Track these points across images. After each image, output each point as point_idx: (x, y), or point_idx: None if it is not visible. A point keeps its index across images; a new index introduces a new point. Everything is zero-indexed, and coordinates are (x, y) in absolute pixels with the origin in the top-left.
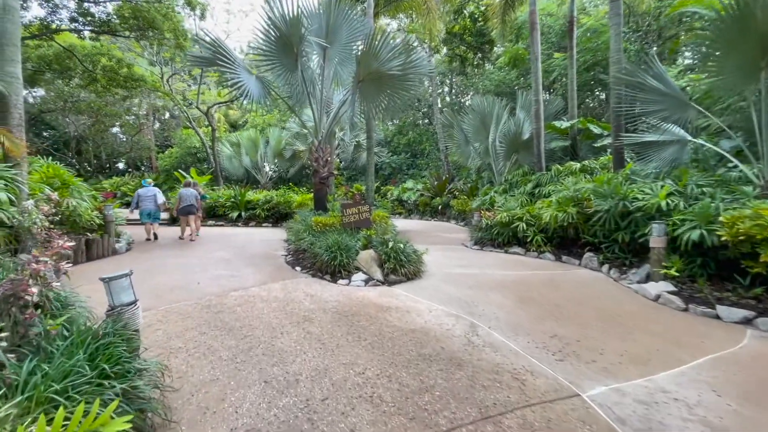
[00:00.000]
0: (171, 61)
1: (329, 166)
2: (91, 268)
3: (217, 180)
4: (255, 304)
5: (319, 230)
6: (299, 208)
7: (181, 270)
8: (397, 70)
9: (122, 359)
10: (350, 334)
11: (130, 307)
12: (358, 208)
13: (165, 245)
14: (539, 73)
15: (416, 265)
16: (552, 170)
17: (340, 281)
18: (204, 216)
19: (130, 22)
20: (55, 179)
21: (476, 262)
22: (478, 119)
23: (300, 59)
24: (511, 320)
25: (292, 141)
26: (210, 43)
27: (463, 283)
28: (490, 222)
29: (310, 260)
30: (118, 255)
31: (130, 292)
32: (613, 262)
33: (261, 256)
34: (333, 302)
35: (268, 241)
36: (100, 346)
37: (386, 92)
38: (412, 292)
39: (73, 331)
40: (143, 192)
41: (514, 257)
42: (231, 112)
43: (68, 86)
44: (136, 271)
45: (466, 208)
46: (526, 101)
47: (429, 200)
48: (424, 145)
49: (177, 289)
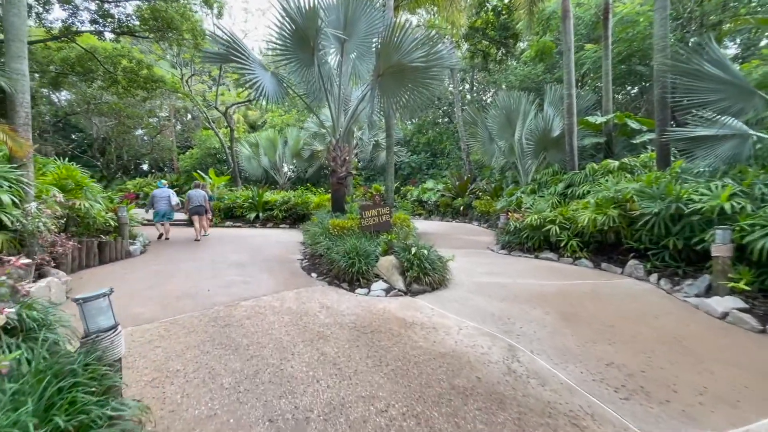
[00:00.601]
0: (191, 62)
1: (347, 165)
2: (101, 272)
3: (236, 181)
4: (266, 317)
5: (336, 234)
6: (317, 209)
7: (193, 275)
8: (421, 61)
9: (88, 406)
10: (370, 357)
11: (109, 334)
12: (377, 210)
13: (180, 247)
14: (572, 65)
15: (441, 273)
16: (586, 169)
17: (359, 290)
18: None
19: (149, 23)
20: (68, 180)
21: (506, 269)
22: (503, 116)
23: (317, 53)
24: (556, 342)
25: (310, 141)
26: (224, 39)
27: (495, 295)
28: (519, 225)
29: (327, 266)
30: (131, 258)
31: (109, 315)
32: (663, 271)
33: (276, 261)
34: (350, 316)
35: (284, 243)
36: (63, 388)
37: (407, 87)
38: (438, 305)
39: (32, 368)
40: (158, 193)
41: (547, 263)
42: (250, 112)
43: (90, 88)
44: (146, 275)
45: (490, 210)
46: (555, 96)
47: (450, 201)
48: (445, 144)
49: (185, 298)
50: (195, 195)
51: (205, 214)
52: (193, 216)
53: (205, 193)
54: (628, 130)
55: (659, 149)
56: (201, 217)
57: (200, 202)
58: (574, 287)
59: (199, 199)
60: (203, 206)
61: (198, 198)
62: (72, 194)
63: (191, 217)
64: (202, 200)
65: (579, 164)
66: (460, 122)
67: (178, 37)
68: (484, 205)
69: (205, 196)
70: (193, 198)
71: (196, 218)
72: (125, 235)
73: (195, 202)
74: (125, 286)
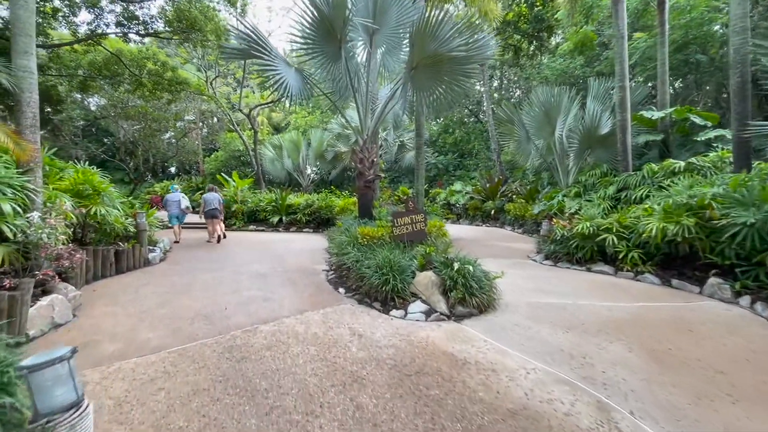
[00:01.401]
0: (215, 64)
1: (375, 168)
2: (116, 283)
3: (259, 183)
4: (288, 347)
5: (365, 244)
6: (341, 213)
7: (211, 288)
8: (461, 50)
9: None
10: (419, 415)
11: (69, 415)
12: (411, 218)
13: (201, 254)
14: (625, 54)
15: (489, 292)
16: (644, 170)
17: (394, 312)
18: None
19: (174, 24)
20: (85, 186)
21: (558, 284)
22: (541, 113)
23: (344, 46)
24: (658, 398)
25: (333, 142)
26: (245, 33)
27: (557, 321)
28: (566, 233)
29: (356, 281)
30: (150, 266)
31: (70, 387)
32: (758, 293)
33: (300, 271)
34: (388, 348)
35: (308, 251)
36: None
37: (443, 80)
38: (491, 335)
39: None
40: (170, 197)
41: (603, 279)
42: (274, 114)
43: (117, 91)
44: (162, 287)
45: (526, 214)
46: (599, 90)
47: (480, 204)
48: (473, 143)
49: (199, 319)
50: (210, 198)
51: (219, 216)
52: (209, 219)
53: (220, 197)
54: (686, 126)
55: (737, 147)
56: (216, 220)
57: (215, 205)
58: (650, 312)
59: (213, 203)
60: (217, 209)
61: (213, 201)
62: (89, 200)
63: (207, 220)
64: (216, 203)
65: (633, 165)
66: (490, 120)
67: (202, 38)
68: (518, 209)
69: (219, 200)
70: (207, 201)
71: (210, 221)
72: (144, 243)
73: (210, 205)
74: (137, 303)
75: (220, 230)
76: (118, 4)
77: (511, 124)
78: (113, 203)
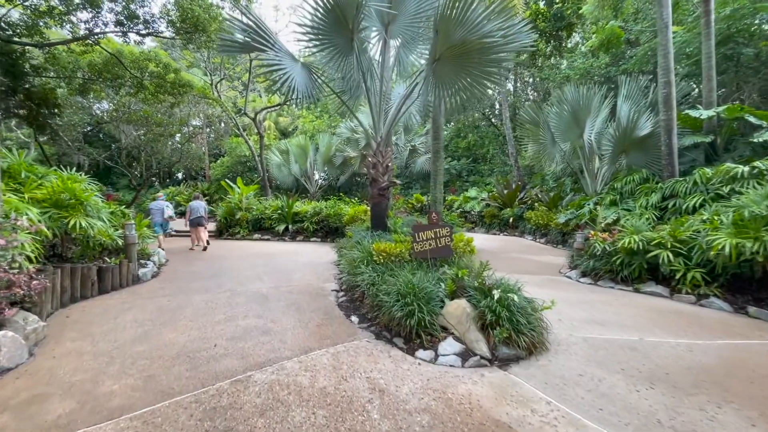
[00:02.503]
0: (221, 66)
1: (389, 173)
2: (95, 307)
3: (265, 190)
4: (289, 411)
5: (381, 262)
6: (351, 222)
7: (202, 315)
8: (494, 37)
9: None
10: None
11: None
12: (434, 232)
13: (198, 268)
14: (669, 46)
15: (537, 327)
16: (695, 175)
17: (421, 353)
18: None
19: (177, 25)
20: (64, 194)
21: (610, 311)
22: (568, 114)
23: (356, 36)
24: None
25: (342, 147)
26: (247, 24)
27: (631, 368)
28: (608, 246)
29: (372, 309)
30: (139, 284)
31: None
32: None
33: (306, 292)
34: (420, 414)
35: (315, 265)
36: None
37: (471, 73)
38: (553, 392)
39: None
40: (154, 205)
41: (660, 303)
42: (281, 119)
43: (118, 95)
44: (147, 312)
45: (549, 222)
46: (632, 89)
47: (496, 211)
48: (487, 148)
49: (181, 361)
50: (196, 206)
51: (205, 225)
52: (194, 227)
53: (206, 205)
54: (734, 126)
55: None
56: (201, 228)
57: (201, 213)
58: (742, 353)
59: (199, 211)
60: (203, 217)
61: (199, 209)
62: (68, 211)
63: (192, 228)
64: (202, 211)
65: (680, 170)
66: (507, 123)
67: (206, 40)
68: (540, 217)
69: (205, 207)
70: (194, 209)
71: (195, 229)
72: (132, 257)
73: (196, 213)
74: (112, 335)
75: (205, 238)
76: (119, 3)
77: (536, 126)
78: (99, 214)
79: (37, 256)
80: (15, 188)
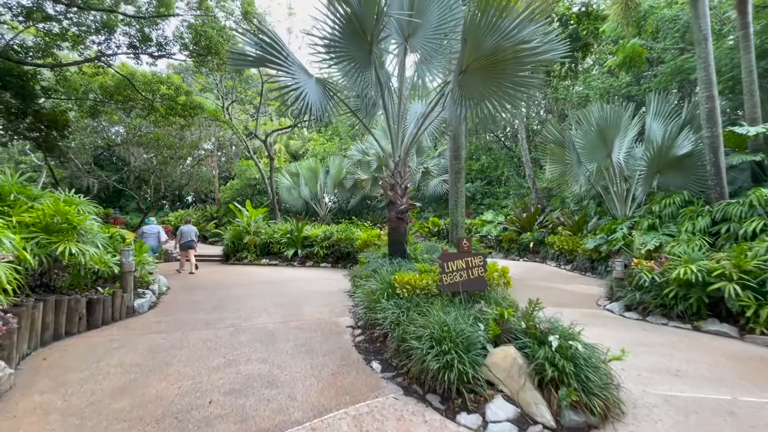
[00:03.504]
0: (233, 89)
1: (408, 195)
2: (80, 347)
3: (275, 213)
4: None
5: (406, 295)
6: (364, 247)
7: (199, 358)
8: (534, 42)
9: None
10: None
11: None
12: (465, 261)
13: (201, 298)
14: (710, 59)
15: (608, 384)
16: (750, 197)
17: (464, 417)
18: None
19: (190, 48)
20: (56, 218)
21: (678, 358)
22: (593, 132)
23: (375, 49)
24: None
25: (353, 169)
26: (258, 37)
27: None
28: (657, 277)
29: (398, 354)
30: (134, 317)
31: None
32: None
33: (319, 329)
34: None
35: (327, 294)
36: None
37: (502, 85)
38: None
39: None
40: (147, 229)
41: (730, 345)
42: (291, 142)
43: (129, 117)
44: (136, 354)
45: (577, 248)
46: (662, 107)
47: (515, 235)
48: (501, 170)
49: (166, 425)
50: (187, 230)
51: (195, 248)
52: (185, 250)
53: (196, 229)
54: None
55: None
56: (191, 251)
57: (192, 237)
58: None
59: (191, 235)
60: (194, 241)
61: (190, 233)
62: (58, 236)
63: (182, 252)
64: (193, 235)
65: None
66: (523, 144)
67: (219, 62)
68: (564, 242)
69: (196, 232)
70: (185, 233)
71: (186, 252)
72: (128, 287)
73: (187, 237)
74: (89, 386)
75: (194, 261)
76: (133, 27)
77: (560, 146)
78: (93, 238)
79: (16, 288)
80: (2, 211)
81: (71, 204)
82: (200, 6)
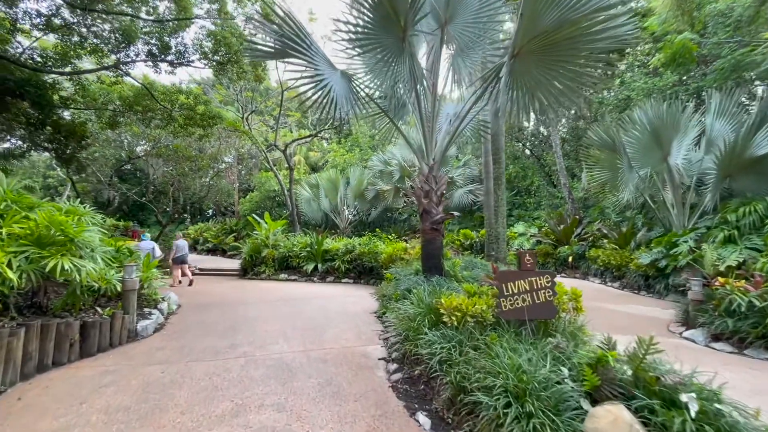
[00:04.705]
0: (252, 100)
1: (443, 203)
2: (64, 383)
3: (294, 225)
4: None
5: (455, 325)
6: (390, 262)
7: (200, 403)
8: (603, 16)
9: None
10: None
11: None
12: (529, 282)
13: (213, 318)
14: None
15: None
16: None
17: None
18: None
19: (209, 56)
20: (52, 230)
21: None
22: (646, 134)
23: (408, 36)
24: None
25: (374, 180)
26: (278, 24)
27: None
28: (756, 300)
29: (453, 403)
30: (136, 342)
31: None
32: None
33: (345, 361)
34: None
35: (352, 315)
36: None
37: (566, 68)
38: None
39: None
40: (142, 245)
41: None
42: (311, 153)
43: (148, 127)
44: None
45: (628, 263)
46: (726, 104)
47: (551, 249)
48: (531, 179)
49: None
50: (181, 245)
51: (188, 262)
52: (178, 264)
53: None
54: None
55: None
56: (185, 265)
57: (186, 251)
58: None
59: (185, 249)
60: (188, 254)
61: (184, 247)
62: (53, 250)
63: (176, 265)
64: (187, 249)
65: None
66: (558, 150)
67: (239, 71)
68: (610, 256)
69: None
70: (179, 247)
71: (181, 266)
72: (130, 307)
73: (181, 251)
74: None
75: (190, 275)
76: (153, 35)
77: (609, 150)
78: (92, 252)
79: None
80: None
81: (73, 214)
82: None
